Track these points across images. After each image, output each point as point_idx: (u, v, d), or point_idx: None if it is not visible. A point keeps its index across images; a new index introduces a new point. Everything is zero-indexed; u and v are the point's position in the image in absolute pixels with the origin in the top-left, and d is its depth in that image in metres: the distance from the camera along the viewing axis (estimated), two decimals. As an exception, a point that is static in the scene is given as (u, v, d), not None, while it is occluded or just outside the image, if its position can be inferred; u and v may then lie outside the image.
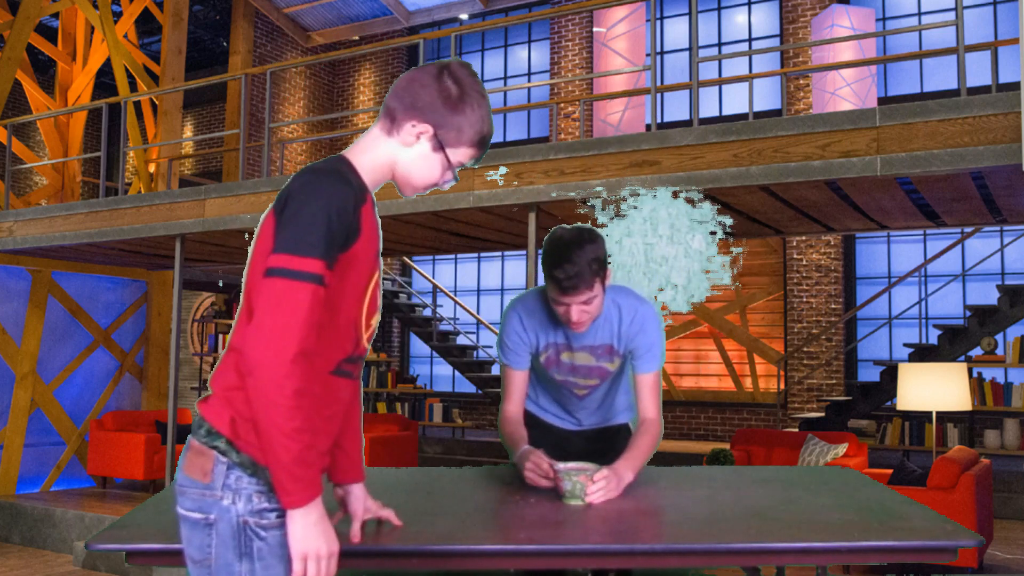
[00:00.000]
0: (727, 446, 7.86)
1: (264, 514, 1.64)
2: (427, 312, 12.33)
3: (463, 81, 1.81)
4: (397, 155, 1.81)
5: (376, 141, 1.82)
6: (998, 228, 9.24)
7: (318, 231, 1.60)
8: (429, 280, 12.30)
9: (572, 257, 2.40)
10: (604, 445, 2.85)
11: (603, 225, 5.41)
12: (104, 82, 13.60)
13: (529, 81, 12.60)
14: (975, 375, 8.32)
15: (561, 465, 2.37)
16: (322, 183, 1.65)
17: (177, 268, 7.76)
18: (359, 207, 1.68)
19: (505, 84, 12.76)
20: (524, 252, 10.65)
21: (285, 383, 1.55)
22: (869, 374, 10.13)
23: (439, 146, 1.81)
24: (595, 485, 2.31)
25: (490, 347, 12.41)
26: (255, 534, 1.63)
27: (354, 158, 1.79)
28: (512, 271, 12.54)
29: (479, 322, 12.23)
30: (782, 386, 10.32)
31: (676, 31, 11.78)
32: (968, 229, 9.07)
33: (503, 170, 5.83)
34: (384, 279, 12.69)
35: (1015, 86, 4.43)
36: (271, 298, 1.58)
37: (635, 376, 2.67)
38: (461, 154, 1.85)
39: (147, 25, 12.97)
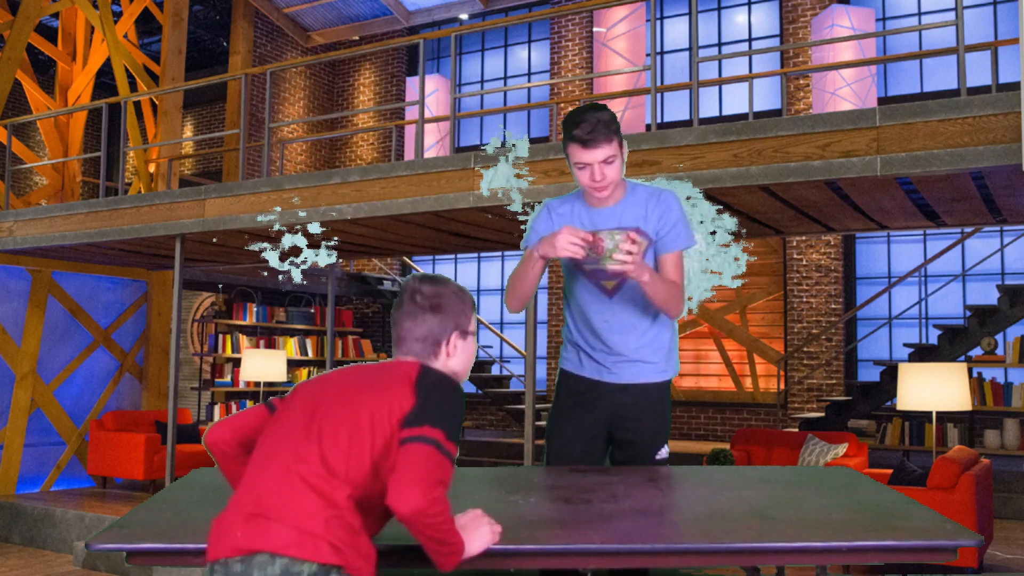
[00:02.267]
0: (727, 446, 7.86)
1: None
2: (427, 312, 12.30)
3: (437, 283, 2.10)
4: (447, 367, 2.10)
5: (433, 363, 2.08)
6: (998, 228, 9.24)
7: (458, 425, 1.93)
8: (429, 280, 12.27)
9: (589, 116, 2.64)
10: (638, 399, 2.81)
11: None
12: (104, 82, 13.60)
13: (529, 81, 12.60)
14: (975, 375, 8.32)
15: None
16: (460, 390, 1.98)
17: (177, 268, 7.76)
18: None
19: (505, 84, 12.77)
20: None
21: (441, 510, 1.83)
22: (869, 374, 10.14)
23: (467, 334, 2.13)
24: (627, 244, 2.48)
25: (491, 347, 12.42)
26: None
27: None
28: (512, 271, 12.53)
29: (479, 322, 12.22)
30: (782, 386, 10.32)
31: (676, 31, 11.78)
32: (968, 229, 9.07)
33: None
34: (384, 279, 12.69)
35: (1015, 86, 4.43)
36: (424, 460, 1.81)
37: (660, 257, 2.76)
38: (472, 324, 2.16)
39: (147, 25, 12.96)
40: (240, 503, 1.83)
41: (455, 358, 2.09)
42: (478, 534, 1.92)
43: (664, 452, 2.84)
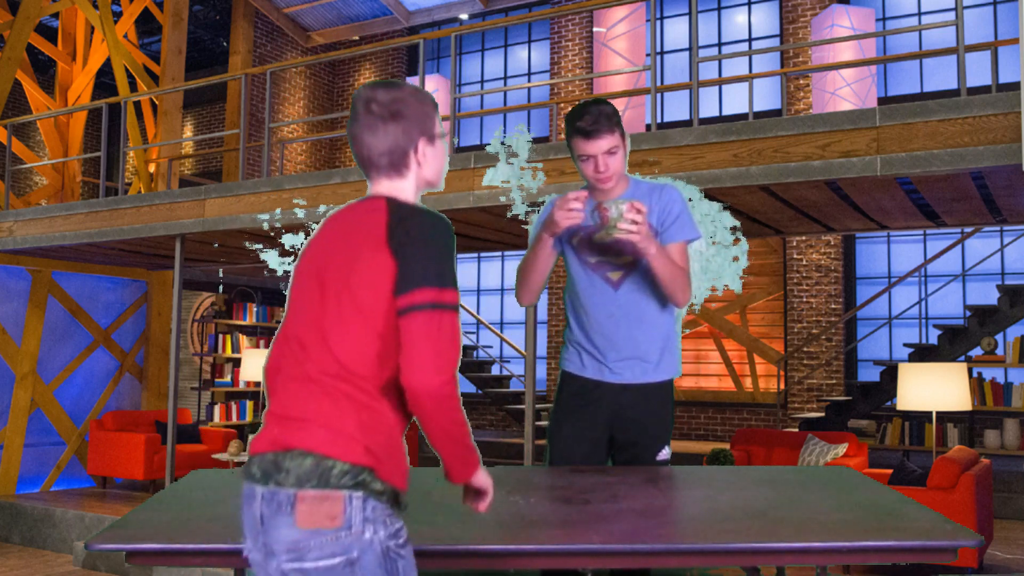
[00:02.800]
0: (727, 446, 7.86)
1: (399, 533, 1.74)
2: (427, 312, 12.31)
3: (392, 87, 1.92)
4: (419, 178, 1.95)
5: (398, 188, 1.92)
6: (998, 228, 9.24)
7: (451, 266, 1.79)
8: (429, 280, 12.28)
9: (591, 109, 2.71)
10: (640, 399, 2.80)
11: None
12: (104, 82, 13.60)
13: (529, 81, 12.60)
14: (975, 375, 8.32)
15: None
16: (441, 223, 1.82)
17: (177, 268, 7.76)
18: None
19: (505, 84, 12.76)
20: (524, 252, 10.65)
21: (458, 401, 1.77)
22: (869, 374, 10.14)
23: (435, 138, 1.95)
24: (632, 213, 2.51)
25: (490, 347, 12.41)
26: (397, 555, 1.72)
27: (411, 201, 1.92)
28: (512, 271, 12.54)
29: (479, 322, 12.23)
30: (782, 386, 10.32)
31: (676, 31, 11.78)
32: (968, 229, 9.07)
33: (503, 170, 5.83)
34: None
35: (1015, 86, 4.43)
36: (433, 330, 1.72)
37: (665, 248, 2.76)
38: (439, 126, 1.97)
39: (147, 25, 12.97)
40: (274, 407, 1.79)
41: (427, 166, 1.93)
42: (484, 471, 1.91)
43: (666, 453, 2.83)
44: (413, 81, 12.60)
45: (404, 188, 1.92)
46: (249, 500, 1.74)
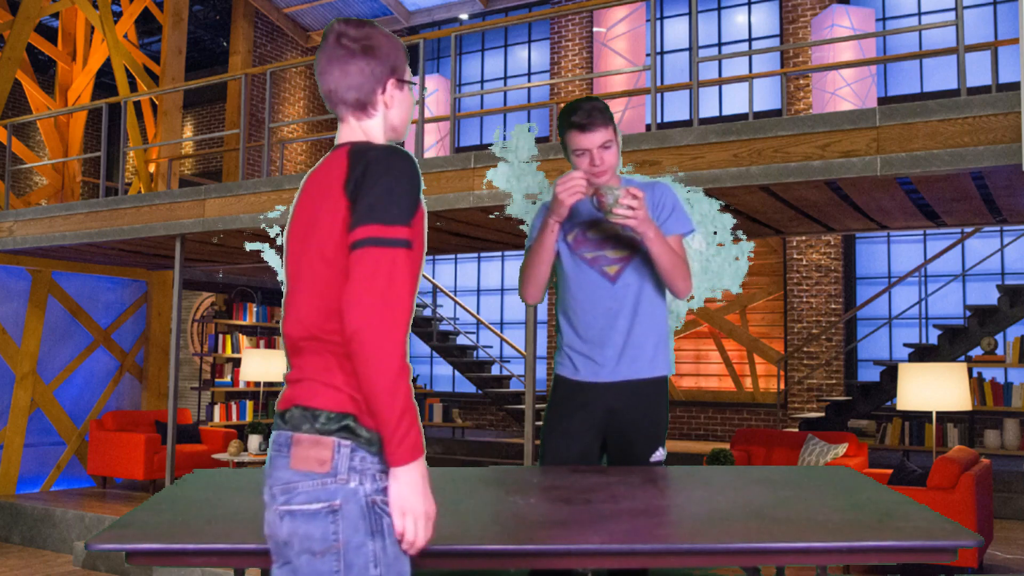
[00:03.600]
0: (727, 446, 7.86)
1: (386, 492, 1.69)
2: (427, 312, 12.33)
3: (364, 24, 1.87)
4: (386, 121, 1.90)
5: (367, 128, 1.88)
6: (998, 228, 9.24)
7: (404, 201, 1.70)
8: (429, 280, 12.30)
9: (584, 104, 2.78)
10: (634, 399, 2.79)
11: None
12: (104, 82, 13.60)
13: (529, 81, 12.60)
14: (975, 375, 8.32)
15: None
16: (396, 157, 1.74)
17: (177, 268, 7.76)
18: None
19: (505, 84, 12.77)
20: (524, 252, 10.65)
21: (398, 348, 1.64)
22: (869, 374, 10.14)
23: (404, 82, 1.91)
24: (627, 198, 2.55)
25: (490, 347, 12.41)
26: (383, 511, 1.68)
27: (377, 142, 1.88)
28: (512, 271, 12.53)
29: (479, 322, 12.23)
30: (782, 386, 10.32)
31: (676, 31, 11.78)
32: (968, 229, 9.07)
33: (503, 170, 5.82)
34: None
35: (1015, 86, 4.43)
36: (370, 267, 1.65)
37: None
38: (408, 73, 1.94)
39: (147, 25, 12.97)
40: (288, 371, 1.83)
41: (394, 109, 1.89)
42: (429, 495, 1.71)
43: (660, 454, 2.82)
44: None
45: (372, 128, 1.88)
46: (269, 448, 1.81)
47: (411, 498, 1.67)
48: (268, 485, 1.75)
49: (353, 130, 1.88)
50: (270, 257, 6.65)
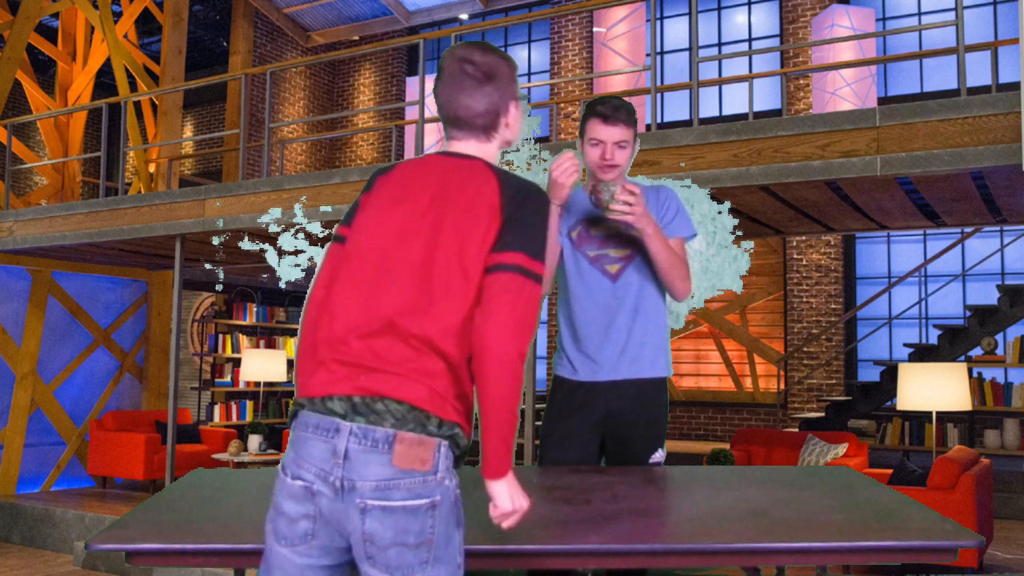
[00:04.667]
0: (727, 446, 7.86)
1: (458, 483, 1.80)
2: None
3: (487, 49, 1.95)
4: (503, 138, 1.99)
5: (485, 150, 1.95)
6: (998, 228, 9.24)
7: (544, 241, 1.82)
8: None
9: (615, 100, 2.79)
10: (633, 399, 2.78)
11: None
12: (104, 82, 13.60)
13: (529, 81, 12.60)
14: (975, 375, 8.32)
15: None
16: (545, 198, 1.86)
17: (177, 268, 7.76)
18: None
19: (505, 84, 12.74)
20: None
21: (520, 372, 1.74)
22: (869, 374, 10.13)
23: (519, 100, 2.00)
24: (624, 194, 2.56)
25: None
26: (461, 504, 1.80)
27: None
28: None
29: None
30: (782, 386, 10.32)
31: (676, 31, 11.78)
32: (968, 229, 9.07)
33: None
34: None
35: (1015, 86, 4.43)
36: (515, 293, 1.74)
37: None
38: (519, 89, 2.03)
39: (147, 25, 12.97)
40: (350, 357, 1.77)
41: (512, 128, 1.98)
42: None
43: (659, 456, 2.81)
44: (413, 81, 12.61)
45: (490, 151, 1.96)
46: (326, 433, 1.73)
47: (519, 498, 1.81)
48: (337, 475, 1.71)
49: (473, 149, 1.94)
50: (271, 257, 6.65)
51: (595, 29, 11.31)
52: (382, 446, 1.71)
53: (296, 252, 6.93)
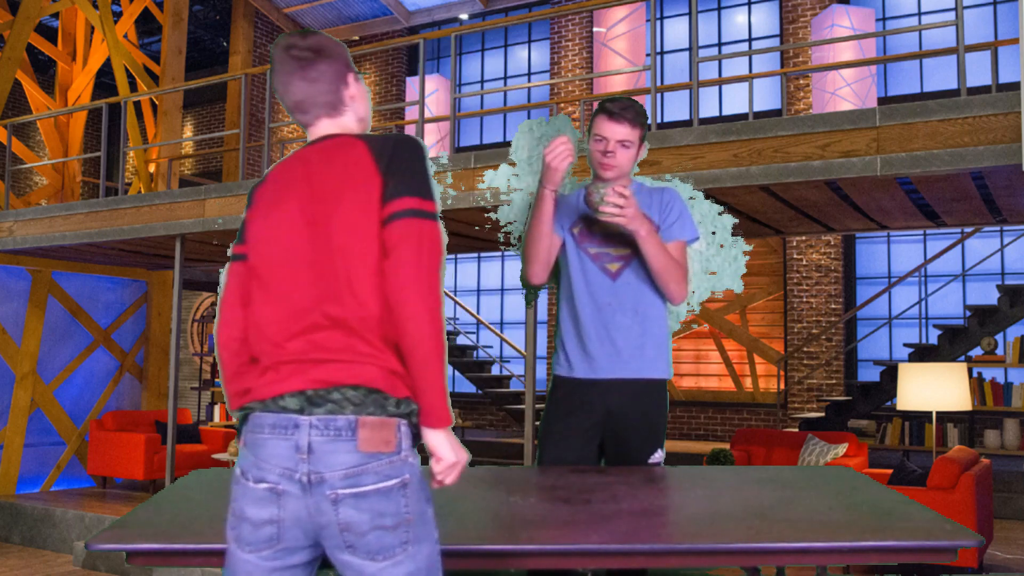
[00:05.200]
0: (727, 446, 7.86)
1: (420, 460, 1.81)
2: (427, 312, 12.31)
3: (305, 33, 1.93)
4: (355, 114, 1.96)
5: (344, 125, 1.93)
6: (998, 228, 9.24)
7: (430, 180, 1.82)
8: (429, 280, 12.28)
9: (626, 100, 2.80)
10: (632, 399, 2.77)
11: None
12: (104, 82, 13.61)
13: (529, 81, 12.60)
14: (975, 375, 8.32)
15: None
16: (417, 142, 1.86)
17: (177, 268, 7.76)
18: None
19: (505, 84, 12.76)
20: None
21: (439, 314, 1.73)
22: (869, 374, 10.13)
23: (358, 76, 1.98)
24: (613, 196, 2.57)
25: (491, 347, 12.41)
26: (425, 478, 1.80)
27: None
28: (512, 271, 12.54)
29: (479, 322, 12.23)
30: (782, 386, 10.32)
31: (676, 31, 11.78)
32: (968, 229, 9.07)
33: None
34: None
35: (1015, 86, 4.43)
36: (415, 238, 1.73)
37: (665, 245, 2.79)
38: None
39: (147, 25, 12.97)
40: (293, 354, 1.76)
41: (359, 102, 1.95)
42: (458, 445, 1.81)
43: (658, 456, 2.81)
44: (413, 81, 12.60)
45: (347, 123, 1.94)
46: (284, 431, 1.72)
47: (460, 450, 1.79)
48: (303, 470, 1.70)
49: (328, 127, 1.93)
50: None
51: (595, 29, 11.31)
52: (346, 433, 1.70)
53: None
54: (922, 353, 8.71)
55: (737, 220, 3.30)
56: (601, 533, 2.11)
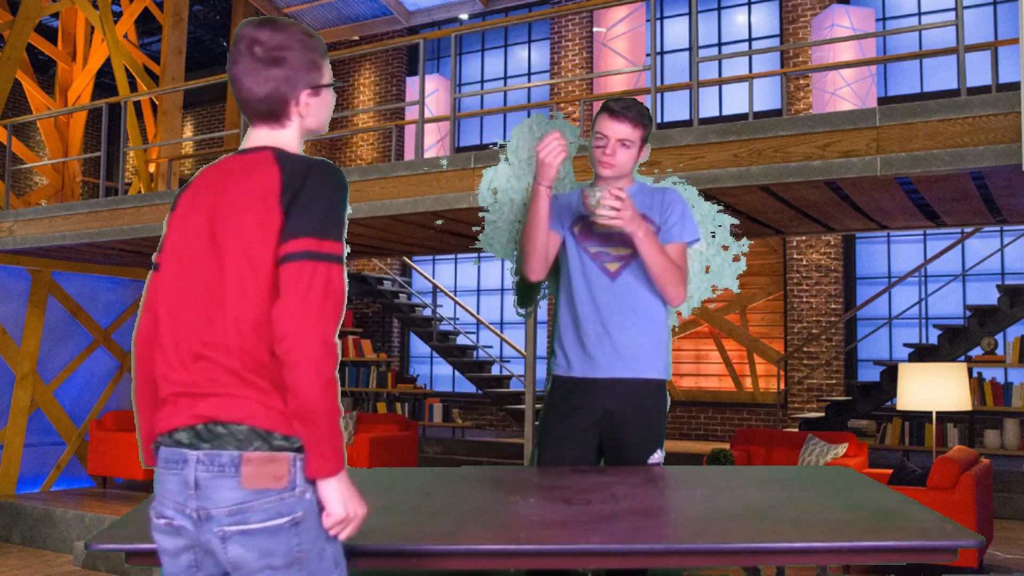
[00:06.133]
0: (727, 446, 7.86)
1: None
2: (427, 312, 12.33)
3: (278, 28, 1.81)
4: (301, 129, 1.87)
5: (280, 138, 1.85)
6: (998, 228, 9.24)
7: (339, 217, 1.72)
8: (429, 280, 12.30)
9: (630, 100, 2.80)
10: (631, 399, 2.76)
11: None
12: (104, 82, 13.61)
13: (529, 81, 12.60)
14: (975, 375, 8.32)
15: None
16: (334, 173, 1.76)
17: (177, 268, 7.76)
18: None
19: (505, 84, 12.76)
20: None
21: (333, 362, 1.66)
22: (869, 374, 10.13)
23: (320, 89, 1.86)
24: (609, 199, 2.56)
25: (491, 347, 12.41)
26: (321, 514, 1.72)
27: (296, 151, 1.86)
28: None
29: (479, 322, 12.23)
30: (782, 386, 10.32)
31: (676, 31, 11.78)
32: (968, 229, 9.07)
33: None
34: (384, 279, 12.70)
35: (1015, 86, 4.43)
36: (306, 281, 1.66)
37: (663, 248, 2.78)
38: (329, 71, 1.89)
39: (147, 25, 12.97)
40: (179, 386, 1.72)
41: (309, 117, 1.85)
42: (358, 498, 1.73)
43: (658, 456, 2.80)
44: (413, 81, 12.61)
45: (286, 138, 1.84)
46: (176, 465, 1.69)
47: (352, 503, 1.71)
48: (193, 506, 1.66)
49: (266, 138, 1.85)
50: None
51: (595, 29, 11.31)
52: (229, 469, 1.65)
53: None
54: (922, 353, 8.71)
55: (737, 220, 3.30)
56: (601, 533, 2.11)
